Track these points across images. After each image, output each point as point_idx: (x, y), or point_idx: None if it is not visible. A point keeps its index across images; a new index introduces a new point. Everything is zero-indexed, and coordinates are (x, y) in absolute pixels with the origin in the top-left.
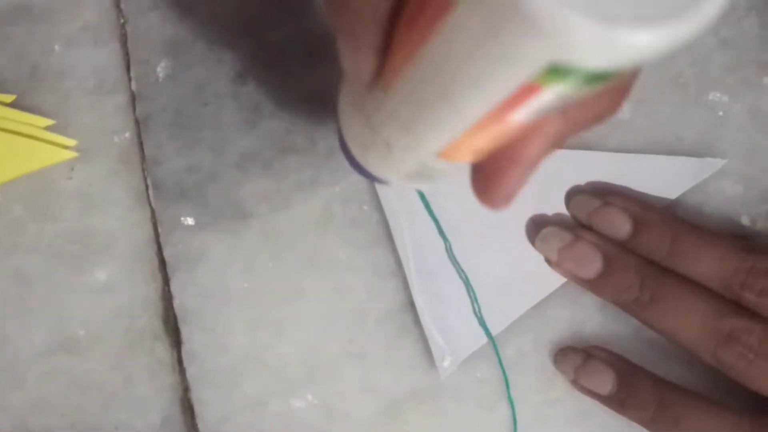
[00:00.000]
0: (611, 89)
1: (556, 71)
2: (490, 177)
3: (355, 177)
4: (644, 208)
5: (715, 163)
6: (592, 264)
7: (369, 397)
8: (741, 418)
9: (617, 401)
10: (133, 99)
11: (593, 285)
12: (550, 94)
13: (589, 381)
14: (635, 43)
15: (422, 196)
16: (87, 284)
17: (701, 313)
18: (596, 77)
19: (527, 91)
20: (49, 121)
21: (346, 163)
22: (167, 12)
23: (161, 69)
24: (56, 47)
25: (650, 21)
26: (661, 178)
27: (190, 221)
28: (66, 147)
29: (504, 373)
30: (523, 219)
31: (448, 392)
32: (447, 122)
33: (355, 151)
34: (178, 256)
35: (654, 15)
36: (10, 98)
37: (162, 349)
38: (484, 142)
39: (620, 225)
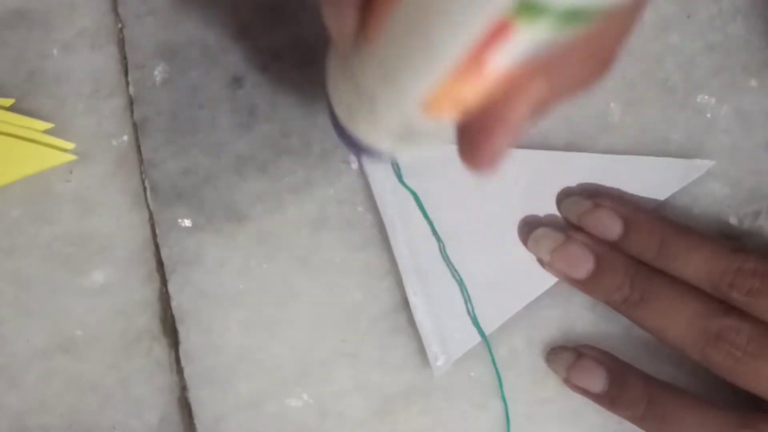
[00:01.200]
0: (593, 52)
1: (526, 6)
2: (475, 137)
3: (349, 179)
4: (634, 210)
5: (703, 165)
6: (583, 264)
7: (362, 396)
8: (728, 416)
9: (608, 399)
10: (130, 103)
11: (585, 285)
12: (525, 37)
13: (580, 379)
14: None
15: (416, 197)
16: (85, 286)
17: (690, 313)
18: (569, 17)
19: (501, 30)
20: (48, 125)
21: (340, 166)
22: (163, 17)
23: (158, 73)
24: (54, 52)
25: None
26: (650, 179)
27: (186, 223)
28: (64, 150)
29: (497, 372)
30: (515, 220)
31: (440, 391)
32: (426, 66)
33: (343, 118)
34: (175, 258)
35: None
36: (8, 102)
37: (159, 350)
38: (465, 93)
39: (610, 226)
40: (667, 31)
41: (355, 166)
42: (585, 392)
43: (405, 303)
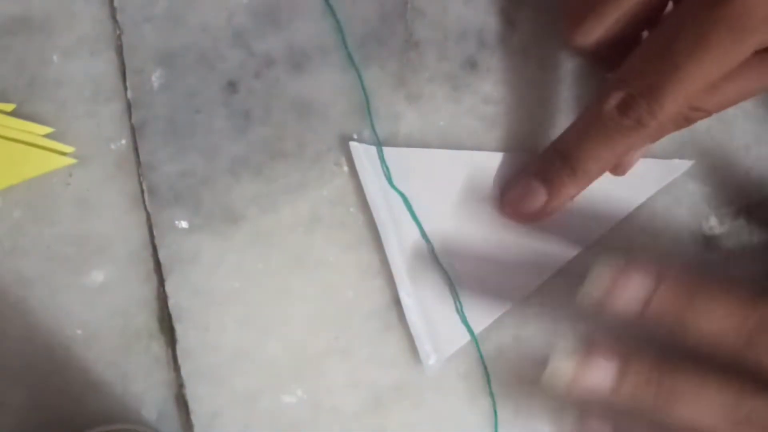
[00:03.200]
0: None
1: None
2: None
3: (341, 180)
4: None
5: (682, 165)
6: (605, 376)
7: (355, 391)
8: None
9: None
10: (128, 107)
11: (614, 392)
12: None
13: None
14: None
15: (406, 200)
16: (85, 285)
17: (718, 404)
18: None
19: None
20: (48, 129)
21: (332, 168)
22: (161, 24)
23: (155, 78)
24: (54, 58)
25: None
26: (632, 180)
27: (183, 224)
28: (64, 154)
29: (485, 368)
30: (502, 221)
31: (431, 386)
32: None
33: None
34: (173, 258)
35: None
36: (10, 107)
37: (157, 347)
38: None
39: (637, 291)
40: None
41: (347, 168)
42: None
43: (396, 301)
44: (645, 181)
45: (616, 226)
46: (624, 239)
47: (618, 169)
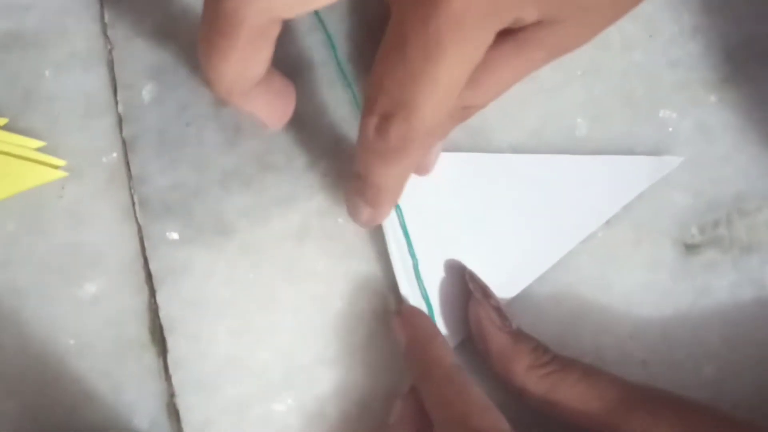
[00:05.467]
0: None
1: None
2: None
3: (330, 192)
4: None
5: (673, 161)
6: None
7: (344, 399)
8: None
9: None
10: (119, 121)
11: None
12: None
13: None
14: None
15: (400, 212)
16: (77, 296)
17: None
18: None
19: None
20: (41, 143)
21: (321, 179)
22: (151, 39)
23: (146, 92)
24: (47, 73)
25: None
26: (622, 176)
27: (174, 236)
28: (56, 167)
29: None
30: (492, 228)
31: None
32: None
33: None
34: (164, 269)
35: None
36: (3, 121)
37: (149, 357)
38: None
39: None
40: (631, 50)
41: (335, 179)
42: None
43: (384, 310)
44: (634, 178)
45: (597, 235)
46: (605, 248)
47: (420, 170)
